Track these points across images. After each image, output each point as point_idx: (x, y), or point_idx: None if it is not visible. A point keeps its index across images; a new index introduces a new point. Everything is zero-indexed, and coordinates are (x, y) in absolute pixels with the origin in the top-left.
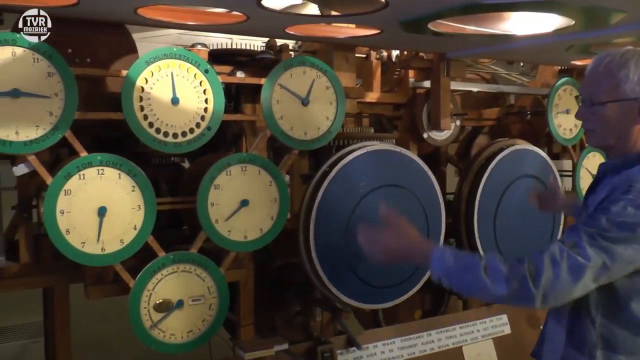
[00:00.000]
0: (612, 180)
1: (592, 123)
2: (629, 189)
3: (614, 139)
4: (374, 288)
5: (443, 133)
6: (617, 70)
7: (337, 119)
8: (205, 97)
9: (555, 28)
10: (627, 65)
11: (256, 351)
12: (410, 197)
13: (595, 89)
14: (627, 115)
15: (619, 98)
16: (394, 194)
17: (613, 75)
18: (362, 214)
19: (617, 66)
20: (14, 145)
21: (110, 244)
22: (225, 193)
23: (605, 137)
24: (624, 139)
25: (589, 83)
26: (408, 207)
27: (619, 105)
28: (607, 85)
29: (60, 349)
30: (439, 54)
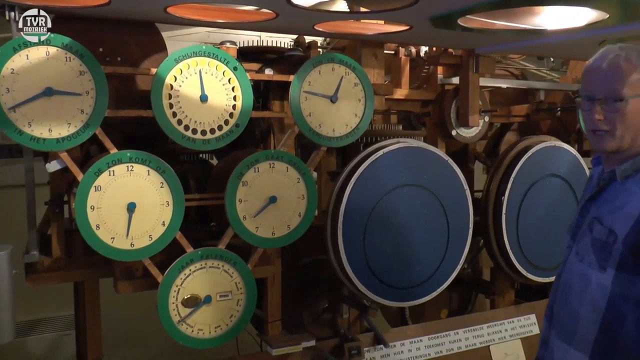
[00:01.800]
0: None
1: (609, 122)
2: None
3: (629, 140)
4: (395, 288)
5: (471, 130)
6: (637, 65)
7: (366, 116)
8: (233, 94)
9: (587, 22)
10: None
11: (284, 347)
12: (430, 196)
13: (617, 84)
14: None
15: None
16: (416, 192)
17: (636, 69)
18: (382, 212)
19: (636, 60)
20: (47, 142)
21: (140, 239)
22: (253, 190)
23: (623, 138)
24: (637, 139)
25: (604, 79)
26: (429, 206)
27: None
28: (631, 80)
29: (91, 341)
30: (468, 50)
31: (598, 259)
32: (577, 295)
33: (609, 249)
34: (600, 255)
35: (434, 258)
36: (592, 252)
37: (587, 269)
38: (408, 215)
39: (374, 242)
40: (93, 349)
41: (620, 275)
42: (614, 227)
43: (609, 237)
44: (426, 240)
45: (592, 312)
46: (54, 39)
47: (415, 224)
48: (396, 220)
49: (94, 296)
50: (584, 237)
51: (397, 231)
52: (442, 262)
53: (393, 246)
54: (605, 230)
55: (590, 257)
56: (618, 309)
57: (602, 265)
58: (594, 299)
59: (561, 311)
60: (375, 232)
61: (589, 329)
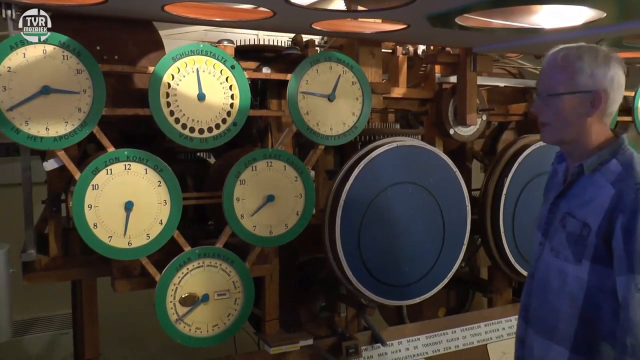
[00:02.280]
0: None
1: (547, 116)
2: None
3: (570, 133)
4: (393, 286)
5: (469, 128)
6: (573, 63)
7: (363, 115)
8: (231, 92)
9: (585, 21)
10: (582, 58)
11: (281, 346)
12: (427, 195)
13: (551, 81)
14: (580, 108)
15: (573, 90)
16: (413, 190)
17: (569, 68)
18: (379, 210)
19: (572, 59)
20: (45, 140)
21: (137, 238)
22: (250, 188)
23: (561, 131)
24: (582, 133)
25: (545, 76)
26: (426, 204)
27: (573, 97)
28: (563, 78)
29: (89, 340)
30: (466, 49)
31: (574, 253)
32: (555, 292)
33: (584, 242)
34: (575, 248)
35: (430, 256)
36: (567, 247)
37: (563, 264)
38: (405, 214)
39: (371, 240)
40: (90, 348)
41: (595, 268)
42: (587, 220)
43: (583, 230)
44: (423, 238)
45: (570, 306)
46: (51, 37)
47: (413, 222)
48: (394, 219)
49: (91, 295)
50: (557, 233)
51: (395, 229)
52: (438, 261)
53: (390, 244)
54: (579, 223)
55: (566, 252)
56: (595, 301)
57: (578, 259)
58: (572, 292)
59: (540, 309)
60: (372, 230)
61: (569, 324)
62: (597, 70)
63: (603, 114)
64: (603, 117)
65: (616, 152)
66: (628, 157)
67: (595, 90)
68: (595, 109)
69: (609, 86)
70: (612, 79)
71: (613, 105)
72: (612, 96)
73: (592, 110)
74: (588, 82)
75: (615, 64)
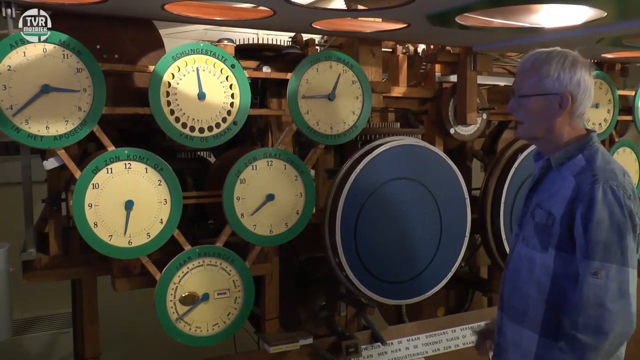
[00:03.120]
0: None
1: (520, 115)
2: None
3: (541, 131)
4: (392, 284)
5: (469, 128)
6: (540, 67)
7: (363, 114)
8: (231, 92)
9: (585, 20)
10: (550, 63)
11: (281, 345)
12: (427, 194)
13: (522, 83)
14: (549, 109)
15: (541, 92)
16: (413, 189)
17: (537, 71)
18: (380, 209)
19: (541, 63)
20: (45, 139)
21: (137, 237)
22: (251, 187)
23: (533, 129)
24: (552, 132)
25: (518, 77)
26: (426, 203)
27: (541, 99)
28: (532, 81)
29: (89, 339)
30: (466, 48)
31: (540, 241)
32: (525, 278)
33: (549, 231)
34: (542, 237)
35: (427, 254)
36: (535, 236)
37: (532, 252)
38: (405, 212)
39: (371, 239)
40: (90, 346)
41: (560, 255)
42: (552, 209)
43: (548, 219)
44: (421, 236)
45: (538, 292)
46: (51, 36)
47: (413, 220)
48: (393, 217)
49: (91, 294)
50: (528, 223)
51: (394, 228)
52: (435, 259)
53: (389, 243)
54: (545, 213)
55: (534, 241)
56: (561, 286)
57: (544, 247)
58: (540, 279)
59: (512, 296)
60: (373, 229)
61: (538, 309)
62: (564, 74)
63: (572, 115)
64: (572, 117)
65: (583, 147)
66: (593, 152)
67: (562, 93)
68: (562, 110)
69: (575, 89)
70: (578, 82)
71: (581, 107)
72: (579, 98)
73: (560, 111)
74: (555, 85)
75: (581, 68)
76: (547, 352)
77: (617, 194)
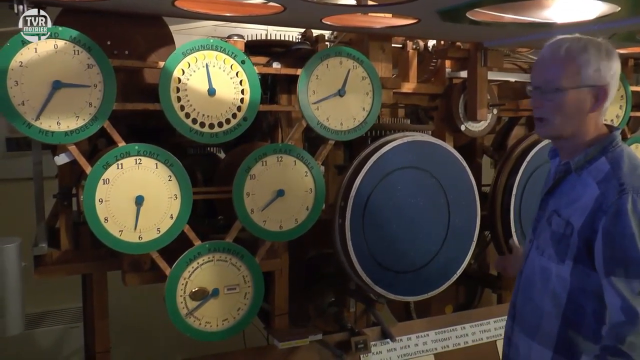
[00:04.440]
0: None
1: (547, 111)
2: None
3: (571, 129)
4: (400, 274)
5: (479, 124)
6: (578, 55)
7: (373, 110)
8: (241, 87)
9: (598, 15)
10: (588, 51)
11: (290, 341)
12: (438, 189)
13: (555, 75)
14: (584, 103)
15: (579, 84)
16: (424, 184)
17: (574, 61)
18: (389, 203)
19: (577, 51)
20: (56, 135)
21: (147, 232)
22: (260, 183)
23: (562, 127)
24: (580, 130)
25: (546, 69)
26: (436, 198)
27: (578, 92)
28: (568, 71)
29: (99, 333)
30: (476, 44)
31: (557, 252)
32: (539, 290)
33: (567, 241)
34: (558, 247)
35: (436, 245)
36: (551, 245)
37: (547, 263)
38: (415, 202)
39: (380, 233)
40: (101, 341)
41: (577, 267)
42: (571, 219)
43: (566, 229)
44: (432, 228)
45: (553, 306)
46: (62, 32)
47: (423, 211)
48: (402, 208)
49: (101, 289)
50: (544, 231)
51: (403, 220)
52: (444, 250)
53: (397, 237)
54: (563, 222)
55: (550, 250)
56: (578, 301)
57: (561, 258)
58: (555, 292)
59: (524, 307)
60: (382, 221)
61: (552, 324)
62: (603, 64)
63: (603, 110)
64: (601, 112)
65: (606, 149)
66: (617, 154)
67: (601, 85)
68: (599, 104)
69: (611, 81)
70: (614, 73)
71: (610, 100)
72: (613, 91)
73: (596, 105)
74: (594, 77)
75: (617, 58)
76: None
77: None
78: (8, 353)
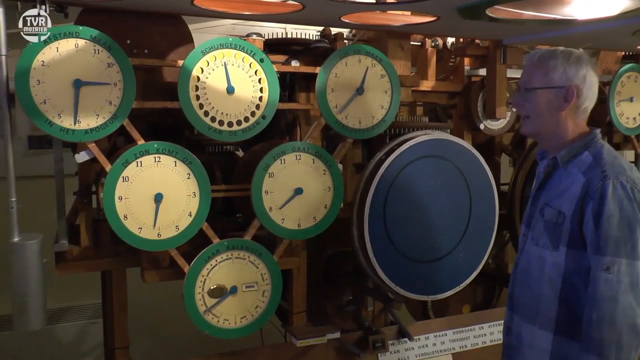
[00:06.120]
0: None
1: (526, 109)
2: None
3: (547, 126)
4: (418, 272)
5: (498, 122)
6: (547, 61)
7: (392, 108)
8: (260, 86)
9: (620, 11)
10: (556, 57)
11: (308, 338)
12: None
13: (529, 77)
14: (554, 102)
15: (548, 85)
16: (442, 183)
17: (543, 65)
18: (409, 202)
19: (547, 57)
20: (76, 133)
21: (166, 229)
22: (279, 181)
23: (538, 123)
24: (557, 127)
25: (524, 73)
26: (456, 196)
27: (548, 92)
28: (538, 74)
29: (118, 329)
30: (495, 41)
31: (551, 240)
32: (536, 278)
33: (560, 229)
34: (552, 235)
35: (452, 245)
36: (545, 235)
37: (542, 251)
38: (435, 204)
39: (399, 233)
40: (120, 337)
41: (571, 252)
42: (562, 208)
43: (558, 217)
44: (450, 228)
45: (550, 290)
46: (82, 32)
47: (442, 212)
48: (421, 209)
49: (120, 285)
50: (538, 222)
51: (421, 220)
52: (462, 244)
53: (416, 235)
54: (555, 212)
55: (544, 239)
56: (572, 283)
57: (555, 245)
58: (551, 277)
59: (522, 296)
60: (400, 222)
61: (550, 307)
62: (569, 68)
63: (576, 109)
64: (577, 112)
65: (588, 144)
66: (599, 148)
67: (568, 86)
68: (567, 103)
69: (580, 83)
70: (583, 76)
71: (586, 102)
72: (585, 93)
73: (565, 104)
74: (561, 78)
75: (586, 64)
76: (562, 349)
77: (626, 188)
78: (30, 347)
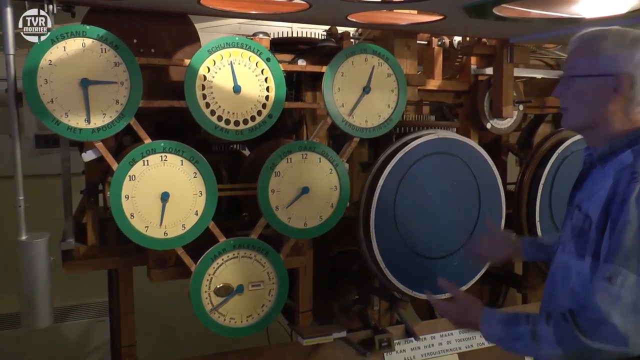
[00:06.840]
0: (607, 172)
1: (566, 100)
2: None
3: (589, 120)
4: (424, 271)
5: (505, 121)
6: (594, 43)
7: (399, 107)
8: (266, 85)
9: (629, 9)
10: (605, 39)
11: (314, 337)
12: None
13: (573, 64)
14: (601, 93)
15: (594, 73)
16: (450, 182)
17: (590, 50)
18: (415, 201)
19: (595, 41)
20: (83, 132)
21: (173, 228)
22: (285, 180)
23: (580, 116)
24: (604, 122)
25: (569, 58)
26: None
27: (594, 80)
28: (584, 60)
29: (125, 328)
30: (502, 40)
31: (577, 247)
32: (561, 288)
33: (586, 236)
34: (578, 242)
35: (460, 241)
36: (571, 240)
37: (568, 258)
38: (442, 202)
39: (405, 233)
40: (126, 335)
41: (595, 265)
42: (589, 211)
43: (584, 222)
44: (457, 225)
45: (573, 304)
46: (89, 31)
47: (448, 211)
48: (427, 208)
49: (127, 284)
50: (567, 226)
51: (428, 219)
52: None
53: (422, 234)
54: (582, 215)
55: (570, 246)
56: None
57: (580, 254)
58: (575, 289)
59: (548, 305)
60: (406, 221)
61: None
62: (622, 52)
63: (629, 101)
64: (630, 104)
65: (634, 142)
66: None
67: (619, 74)
68: (618, 95)
69: (635, 70)
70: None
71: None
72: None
73: (614, 95)
74: (610, 65)
75: None
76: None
77: None
78: (37, 345)
